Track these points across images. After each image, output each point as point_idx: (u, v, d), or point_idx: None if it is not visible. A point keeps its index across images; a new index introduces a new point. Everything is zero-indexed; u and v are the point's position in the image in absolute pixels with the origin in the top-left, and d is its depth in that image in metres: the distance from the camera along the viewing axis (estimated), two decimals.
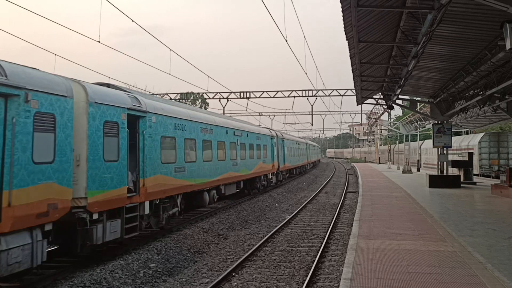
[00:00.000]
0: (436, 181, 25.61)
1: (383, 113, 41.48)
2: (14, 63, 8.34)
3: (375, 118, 48.55)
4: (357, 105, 32.32)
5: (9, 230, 7.59)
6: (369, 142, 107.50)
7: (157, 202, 13.00)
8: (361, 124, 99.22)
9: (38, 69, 8.98)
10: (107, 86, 11.81)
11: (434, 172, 29.24)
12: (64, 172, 8.89)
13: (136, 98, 11.95)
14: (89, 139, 9.65)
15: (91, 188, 9.59)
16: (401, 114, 76.40)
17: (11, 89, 7.72)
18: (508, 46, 9.39)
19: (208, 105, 72.94)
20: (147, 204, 12.10)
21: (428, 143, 45.45)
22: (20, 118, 7.88)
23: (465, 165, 29.00)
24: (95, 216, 9.80)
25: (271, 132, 31.65)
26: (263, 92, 40.02)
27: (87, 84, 10.16)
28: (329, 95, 39.50)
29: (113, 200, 10.42)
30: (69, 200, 9.03)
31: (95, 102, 9.92)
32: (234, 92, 40.08)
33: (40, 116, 8.34)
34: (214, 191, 18.32)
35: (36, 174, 8.17)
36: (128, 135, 11.14)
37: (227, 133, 19.98)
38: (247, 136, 23.77)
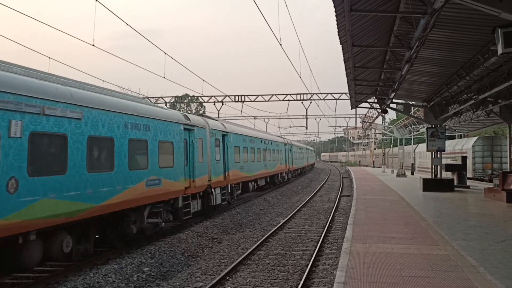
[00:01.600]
0: (430, 185, 25.69)
1: (377, 117, 41.68)
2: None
3: (369, 122, 48.73)
4: (352, 109, 32.47)
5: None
6: (363, 145, 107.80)
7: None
8: (355, 128, 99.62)
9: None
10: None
11: (428, 176, 29.34)
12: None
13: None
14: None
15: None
16: (395, 118, 76.71)
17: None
18: (500, 51, 9.45)
19: (205, 108, 72.97)
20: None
21: (422, 146, 45.63)
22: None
23: (459, 168, 29.13)
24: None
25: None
26: (258, 95, 40.13)
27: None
28: (323, 99, 39.66)
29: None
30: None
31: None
32: (229, 96, 40.16)
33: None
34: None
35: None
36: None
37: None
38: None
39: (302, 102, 40.13)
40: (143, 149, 12.80)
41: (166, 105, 40.87)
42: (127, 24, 16.46)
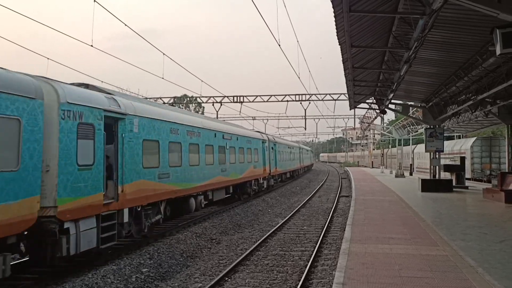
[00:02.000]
0: (429, 185, 25.70)
1: (376, 118, 41.67)
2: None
3: (368, 123, 48.76)
4: (350, 109, 32.53)
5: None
6: (362, 146, 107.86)
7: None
8: (354, 129, 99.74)
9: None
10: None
11: (427, 176, 29.36)
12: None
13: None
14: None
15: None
16: (394, 118, 76.77)
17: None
18: (498, 52, 9.46)
19: (204, 109, 72.97)
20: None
21: (421, 147, 45.70)
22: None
23: (457, 169, 29.14)
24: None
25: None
26: (257, 96, 40.15)
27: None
28: (322, 100, 39.70)
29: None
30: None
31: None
32: (227, 96, 40.16)
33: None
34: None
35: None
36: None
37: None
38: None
39: (300, 103, 40.17)
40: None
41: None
42: (126, 25, 16.43)
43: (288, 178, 44.35)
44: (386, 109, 28.20)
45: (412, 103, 30.32)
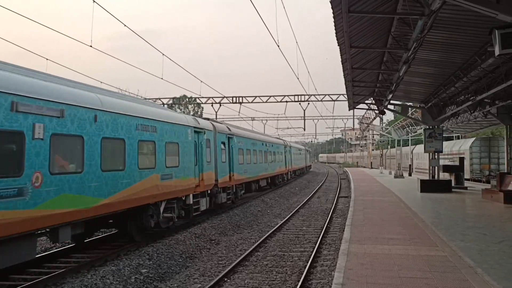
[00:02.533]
0: (428, 186, 25.72)
1: (375, 118, 41.71)
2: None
3: (367, 123, 48.78)
4: (349, 110, 32.47)
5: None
6: (361, 147, 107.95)
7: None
8: (353, 129, 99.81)
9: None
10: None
11: (426, 177, 29.38)
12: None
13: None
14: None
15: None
16: (393, 119, 76.82)
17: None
18: (497, 52, 9.47)
19: (202, 109, 72.93)
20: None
21: (420, 148, 45.73)
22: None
23: (456, 169, 29.17)
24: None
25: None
26: (256, 97, 40.15)
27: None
28: (321, 100, 39.71)
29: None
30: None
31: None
32: (226, 97, 40.16)
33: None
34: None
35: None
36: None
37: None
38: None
39: (300, 104, 40.18)
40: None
41: (164, 106, 40.79)
42: (125, 25, 16.42)
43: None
44: (385, 110, 28.20)
45: (411, 103, 30.35)
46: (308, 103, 40.28)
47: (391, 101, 27.33)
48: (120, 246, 12.95)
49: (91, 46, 16.77)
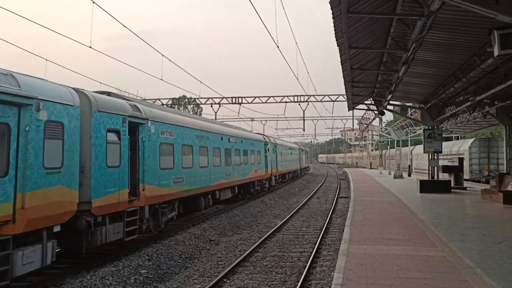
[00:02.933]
0: (427, 186, 25.73)
1: (374, 119, 41.71)
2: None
3: (366, 124, 48.78)
4: (349, 110, 32.48)
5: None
6: (360, 147, 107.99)
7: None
8: (352, 130, 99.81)
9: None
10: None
11: (425, 177, 29.39)
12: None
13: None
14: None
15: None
16: (392, 119, 76.85)
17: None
18: (496, 53, 9.48)
19: (202, 110, 72.91)
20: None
21: (419, 148, 45.71)
22: None
23: (456, 170, 29.19)
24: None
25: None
26: (255, 97, 40.11)
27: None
28: (320, 101, 39.69)
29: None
30: None
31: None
32: (226, 98, 40.13)
33: None
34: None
35: None
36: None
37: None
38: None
39: (299, 104, 40.16)
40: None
41: (163, 106, 40.74)
42: (124, 26, 16.42)
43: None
44: (384, 110, 28.22)
45: (410, 104, 30.37)
46: (308, 104, 40.26)
47: (391, 102, 27.35)
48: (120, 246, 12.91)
49: (90, 47, 16.77)
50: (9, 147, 8.04)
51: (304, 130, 49.84)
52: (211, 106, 40.68)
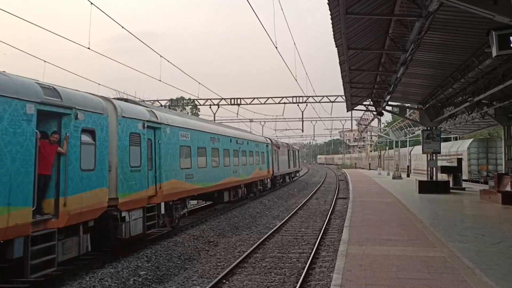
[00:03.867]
0: (426, 187, 25.76)
1: (373, 119, 41.71)
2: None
3: (365, 124, 48.80)
4: (347, 111, 32.50)
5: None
6: (359, 148, 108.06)
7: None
8: (351, 130, 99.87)
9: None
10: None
11: (424, 178, 29.41)
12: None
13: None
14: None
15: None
16: (391, 120, 76.91)
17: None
18: (494, 53, 9.50)
19: (199, 111, 72.87)
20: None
21: (418, 149, 45.76)
22: None
23: (454, 170, 29.22)
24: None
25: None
26: (254, 98, 40.10)
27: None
28: (319, 102, 39.68)
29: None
30: None
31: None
32: (224, 99, 40.12)
33: None
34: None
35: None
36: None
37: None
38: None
39: (298, 105, 40.14)
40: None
41: (162, 107, 40.73)
42: (123, 27, 16.42)
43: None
44: (383, 111, 28.24)
45: (409, 104, 30.40)
46: (306, 105, 40.26)
47: (389, 102, 27.40)
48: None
49: (89, 48, 16.77)
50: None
51: (302, 131, 49.84)
52: (210, 107, 40.68)
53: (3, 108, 7.79)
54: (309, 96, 39.66)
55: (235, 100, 40.07)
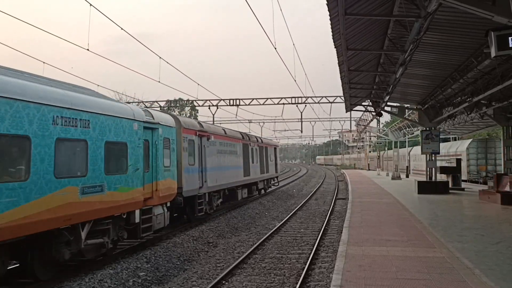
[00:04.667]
0: (425, 187, 25.78)
1: (372, 120, 41.75)
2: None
3: (364, 125, 48.86)
4: (346, 112, 32.55)
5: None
6: (358, 148, 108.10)
7: None
8: (350, 131, 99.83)
9: None
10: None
11: (423, 178, 29.44)
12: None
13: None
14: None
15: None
16: (390, 121, 76.97)
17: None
18: (493, 54, 9.50)
19: (197, 112, 72.83)
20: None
21: (417, 149, 45.81)
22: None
23: (453, 171, 29.24)
24: None
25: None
26: (253, 99, 40.15)
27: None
28: (318, 102, 39.73)
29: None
30: None
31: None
32: (223, 100, 40.15)
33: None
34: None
35: None
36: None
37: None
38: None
39: (297, 106, 40.18)
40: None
41: (160, 108, 40.78)
42: (122, 29, 16.45)
43: None
44: (382, 112, 28.28)
45: (408, 105, 30.43)
46: (305, 105, 40.30)
47: (388, 103, 27.43)
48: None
49: (88, 49, 16.77)
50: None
51: (301, 131, 49.87)
52: (209, 108, 40.69)
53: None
54: (308, 97, 39.73)
55: (234, 101, 40.10)
